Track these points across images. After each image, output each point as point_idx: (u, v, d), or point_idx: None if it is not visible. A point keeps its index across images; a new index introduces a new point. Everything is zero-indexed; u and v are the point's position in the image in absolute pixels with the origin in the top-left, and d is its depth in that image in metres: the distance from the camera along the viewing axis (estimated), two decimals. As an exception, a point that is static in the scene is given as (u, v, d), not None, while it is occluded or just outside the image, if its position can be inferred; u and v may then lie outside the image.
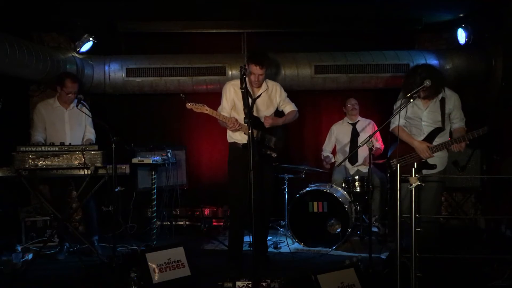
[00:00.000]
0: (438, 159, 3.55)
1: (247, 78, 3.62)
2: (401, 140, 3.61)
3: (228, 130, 3.85)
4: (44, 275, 3.74)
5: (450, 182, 4.86)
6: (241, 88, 3.33)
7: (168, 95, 5.47)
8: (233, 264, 3.80)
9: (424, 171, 3.51)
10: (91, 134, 4.43)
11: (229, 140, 3.90)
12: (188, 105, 3.54)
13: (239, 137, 3.81)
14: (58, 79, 4.25)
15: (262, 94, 3.81)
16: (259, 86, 3.80)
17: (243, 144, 3.75)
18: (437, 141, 3.54)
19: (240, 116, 3.69)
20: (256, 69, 3.63)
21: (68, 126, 4.28)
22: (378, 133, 4.90)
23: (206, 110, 3.57)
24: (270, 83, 3.93)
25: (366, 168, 5.05)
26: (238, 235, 3.93)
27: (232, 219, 3.99)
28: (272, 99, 3.90)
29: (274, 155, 3.85)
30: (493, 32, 5.01)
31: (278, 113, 4.02)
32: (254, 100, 3.75)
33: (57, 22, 5.06)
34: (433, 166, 3.51)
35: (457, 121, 3.60)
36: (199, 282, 3.37)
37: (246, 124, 3.42)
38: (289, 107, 3.98)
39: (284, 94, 3.99)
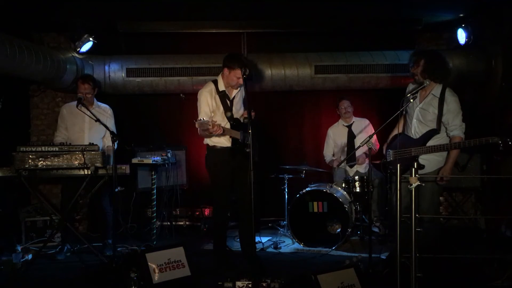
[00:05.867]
0: (434, 161, 3.50)
1: (223, 81, 3.72)
2: (400, 134, 3.58)
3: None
4: (44, 275, 3.73)
5: (450, 182, 4.82)
6: (218, 93, 3.68)
7: (168, 95, 5.47)
8: (220, 266, 3.72)
9: (420, 171, 3.47)
10: (110, 141, 4.24)
11: (210, 143, 3.80)
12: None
13: (223, 140, 3.75)
14: (75, 83, 4.44)
15: (236, 94, 3.84)
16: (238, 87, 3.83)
17: (232, 148, 3.72)
18: (430, 144, 3.45)
19: (219, 121, 3.65)
20: (239, 73, 3.60)
21: (87, 126, 4.32)
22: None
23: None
24: None
25: (365, 169, 5.05)
26: (222, 237, 3.87)
27: (218, 221, 3.87)
28: (242, 98, 3.91)
29: (256, 158, 3.72)
30: (493, 32, 5.01)
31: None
32: (231, 101, 3.78)
33: (57, 22, 5.07)
34: (420, 166, 3.41)
35: (453, 129, 3.40)
36: (199, 282, 3.36)
37: (229, 128, 3.61)
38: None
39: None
